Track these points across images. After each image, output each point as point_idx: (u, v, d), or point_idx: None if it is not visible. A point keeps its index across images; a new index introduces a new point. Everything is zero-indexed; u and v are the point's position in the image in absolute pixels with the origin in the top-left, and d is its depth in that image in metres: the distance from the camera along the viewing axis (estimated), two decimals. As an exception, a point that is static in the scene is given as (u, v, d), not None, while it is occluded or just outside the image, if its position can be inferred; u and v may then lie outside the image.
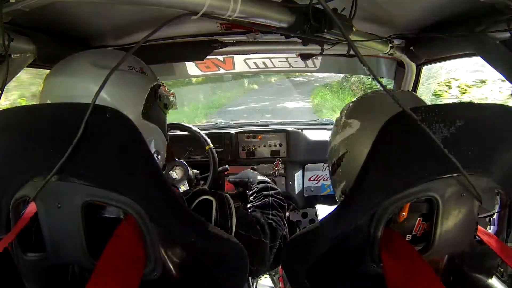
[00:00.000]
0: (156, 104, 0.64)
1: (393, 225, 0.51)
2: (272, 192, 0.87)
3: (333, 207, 0.56)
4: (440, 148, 0.43)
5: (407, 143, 0.47)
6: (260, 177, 0.97)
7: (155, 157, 0.64)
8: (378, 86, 0.47)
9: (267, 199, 0.83)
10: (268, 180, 0.96)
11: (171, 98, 0.69)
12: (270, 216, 0.77)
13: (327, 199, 1.59)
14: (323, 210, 1.27)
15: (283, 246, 0.76)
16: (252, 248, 0.64)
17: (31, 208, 0.48)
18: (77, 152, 0.43)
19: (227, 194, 0.67)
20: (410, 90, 1.24)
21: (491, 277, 0.57)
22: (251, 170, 1.09)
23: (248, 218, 0.70)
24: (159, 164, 0.66)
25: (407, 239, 0.52)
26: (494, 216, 0.54)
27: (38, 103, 0.56)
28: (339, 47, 1.00)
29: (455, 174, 0.46)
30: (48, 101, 0.56)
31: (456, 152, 0.44)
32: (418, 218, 0.51)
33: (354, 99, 0.70)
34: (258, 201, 0.83)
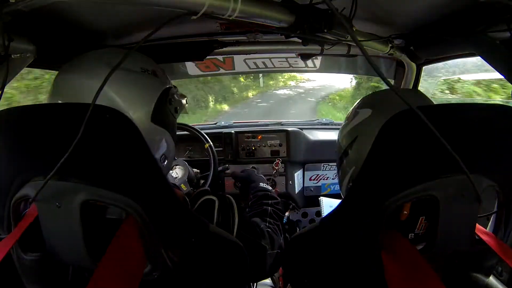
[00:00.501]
0: (166, 108, 0.62)
1: (396, 224, 0.51)
2: (272, 201, 0.87)
3: (336, 201, 0.56)
4: (442, 147, 0.43)
5: (409, 141, 0.47)
6: (262, 185, 0.96)
7: (162, 161, 0.63)
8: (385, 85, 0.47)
9: (266, 207, 0.83)
10: (270, 188, 0.96)
11: (183, 101, 0.68)
12: (267, 224, 0.77)
13: None
14: (327, 203, 1.26)
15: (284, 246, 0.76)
16: (252, 251, 0.64)
17: (35, 207, 0.48)
18: (77, 152, 0.43)
19: (229, 196, 0.67)
20: None
21: (489, 276, 0.57)
22: (255, 171, 1.08)
23: (251, 221, 0.70)
24: (167, 168, 0.66)
25: (409, 238, 0.52)
26: (493, 216, 0.55)
27: (47, 102, 0.56)
28: (339, 47, 1.00)
29: (456, 174, 0.46)
30: (59, 101, 0.55)
31: (457, 152, 0.44)
32: (421, 217, 0.51)
33: (367, 95, 0.71)
34: (257, 209, 0.83)
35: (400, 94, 0.42)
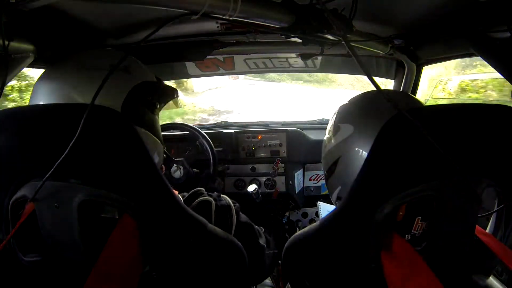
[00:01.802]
0: (139, 105, 0.59)
1: (392, 225, 0.51)
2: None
3: (334, 206, 0.56)
4: (442, 148, 0.43)
5: (407, 144, 0.47)
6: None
7: None
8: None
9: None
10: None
11: (169, 97, 0.65)
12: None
13: (327, 199, 1.59)
14: (324, 208, 1.27)
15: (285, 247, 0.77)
16: (250, 251, 0.64)
17: (27, 208, 0.48)
18: (75, 153, 0.43)
19: (225, 196, 0.67)
20: (410, 90, 1.24)
21: (489, 277, 0.57)
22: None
23: (248, 221, 0.70)
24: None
25: (406, 239, 0.52)
26: (493, 216, 0.55)
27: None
28: (339, 47, 1.00)
29: (455, 175, 0.46)
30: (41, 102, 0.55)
31: (456, 153, 0.44)
32: (417, 218, 0.52)
33: (345, 102, 0.68)
34: None
35: (389, 97, 0.42)
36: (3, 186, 0.49)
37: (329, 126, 0.68)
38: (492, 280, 0.59)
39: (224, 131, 1.58)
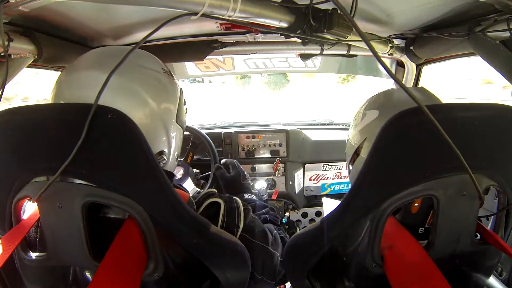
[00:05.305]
0: (183, 108, 0.64)
1: (406, 217, 0.50)
2: (265, 210, 0.89)
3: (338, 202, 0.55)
4: (443, 146, 0.43)
5: (409, 142, 0.47)
6: (246, 196, 0.94)
7: (176, 158, 0.65)
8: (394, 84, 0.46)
9: (263, 216, 0.85)
10: (254, 198, 0.94)
11: None
12: (279, 231, 0.77)
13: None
14: (329, 204, 1.26)
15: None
16: (257, 254, 0.64)
17: (31, 208, 0.48)
18: (78, 153, 0.43)
19: (237, 198, 0.67)
20: None
21: (489, 276, 0.57)
22: (240, 177, 1.02)
23: (259, 225, 0.69)
24: (173, 165, 0.66)
25: (419, 232, 0.52)
26: (493, 216, 0.55)
27: (51, 101, 0.55)
28: (339, 47, 1.00)
29: (457, 173, 0.46)
30: (61, 101, 0.52)
31: (459, 151, 0.44)
32: (432, 211, 0.51)
33: (372, 95, 0.70)
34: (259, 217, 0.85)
35: (410, 92, 0.42)
36: (5, 185, 0.49)
37: (355, 116, 0.70)
38: (492, 280, 0.59)
39: (224, 131, 1.58)
